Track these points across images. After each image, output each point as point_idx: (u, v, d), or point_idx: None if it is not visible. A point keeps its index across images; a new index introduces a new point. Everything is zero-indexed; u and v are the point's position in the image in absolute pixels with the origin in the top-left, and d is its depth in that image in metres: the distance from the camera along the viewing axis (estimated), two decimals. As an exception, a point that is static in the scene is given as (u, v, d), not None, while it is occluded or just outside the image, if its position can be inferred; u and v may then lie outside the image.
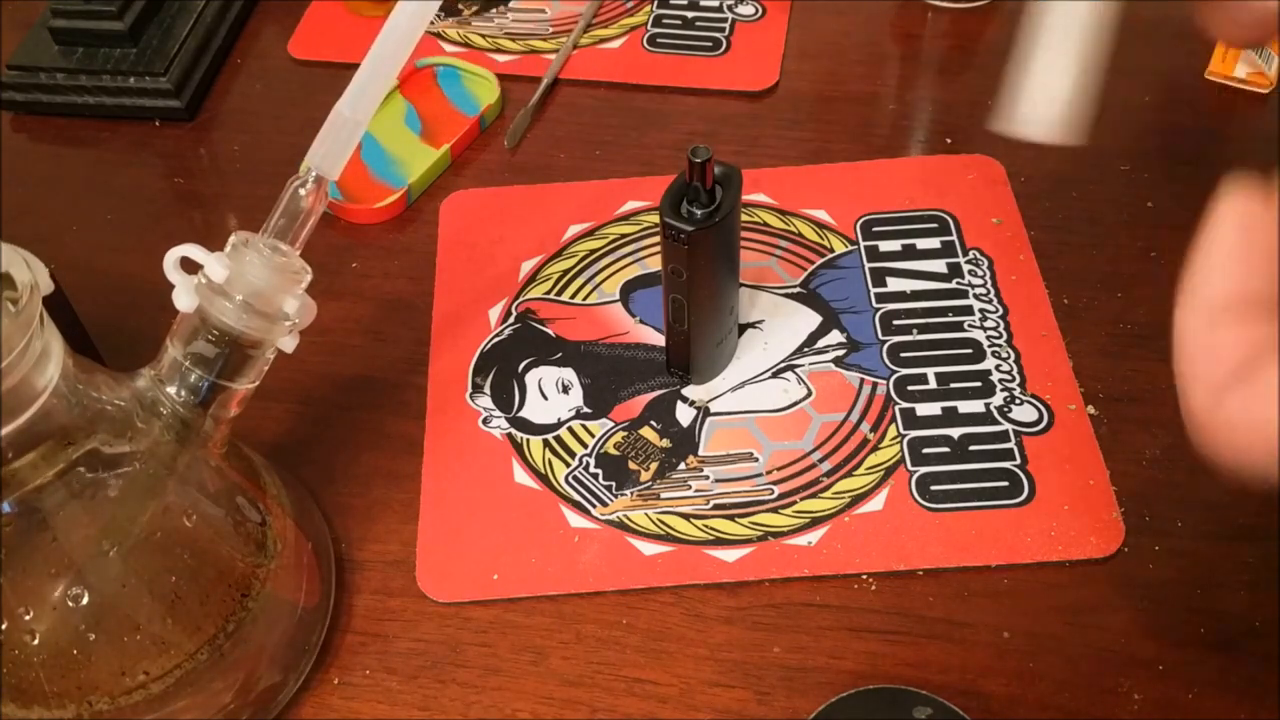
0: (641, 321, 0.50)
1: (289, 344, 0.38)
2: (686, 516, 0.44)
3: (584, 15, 0.63)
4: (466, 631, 0.42)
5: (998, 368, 0.47)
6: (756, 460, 0.45)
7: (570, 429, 0.46)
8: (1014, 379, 0.47)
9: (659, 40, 0.62)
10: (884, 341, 0.48)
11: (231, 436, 0.39)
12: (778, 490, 0.44)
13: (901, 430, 0.45)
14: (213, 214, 0.56)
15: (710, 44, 0.61)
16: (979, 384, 0.46)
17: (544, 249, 0.53)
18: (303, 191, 0.37)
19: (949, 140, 0.56)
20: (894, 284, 0.50)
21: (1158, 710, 0.38)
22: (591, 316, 0.50)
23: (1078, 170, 0.54)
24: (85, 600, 0.34)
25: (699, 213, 0.41)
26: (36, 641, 0.34)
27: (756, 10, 0.63)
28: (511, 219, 0.54)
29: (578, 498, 0.44)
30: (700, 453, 0.45)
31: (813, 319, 0.49)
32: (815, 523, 0.43)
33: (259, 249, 0.36)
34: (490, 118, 0.59)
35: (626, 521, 0.44)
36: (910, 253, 0.51)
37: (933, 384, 0.47)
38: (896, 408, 0.46)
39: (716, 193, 0.41)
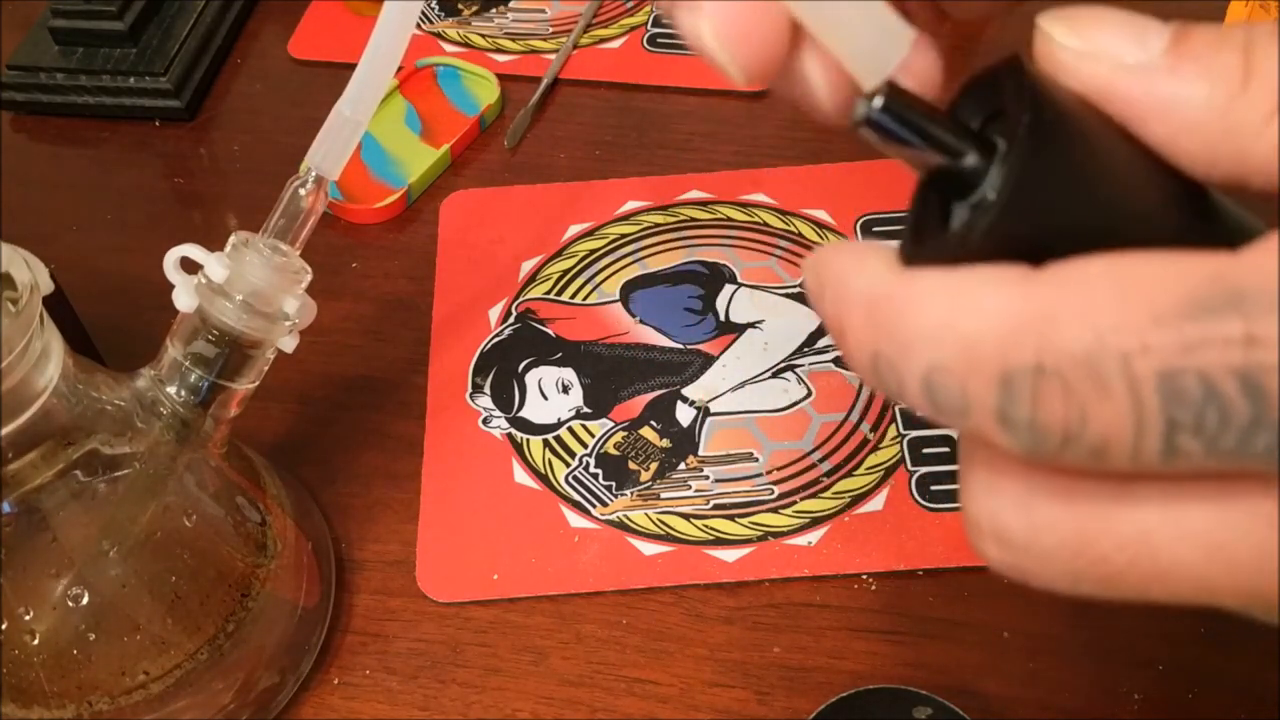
0: (641, 321, 0.50)
1: (289, 344, 0.38)
2: (686, 516, 0.44)
3: (584, 15, 0.63)
4: (466, 631, 0.42)
5: (998, 368, 0.47)
6: (756, 460, 0.45)
7: (570, 429, 0.46)
8: (1014, 379, 0.46)
9: (659, 40, 0.62)
10: (884, 341, 0.48)
11: (231, 436, 0.39)
12: (778, 490, 0.44)
13: (901, 430, 0.45)
14: (213, 214, 0.56)
15: (710, 44, 0.61)
16: (979, 384, 0.46)
17: (544, 249, 0.53)
18: (303, 191, 0.37)
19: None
20: (894, 284, 0.50)
21: (1158, 710, 0.38)
22: (591, 316, 0.50)
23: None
24: (85, 600, 0.34)
25: (970, 205, 0.19)
26: (36, 641, 0.34)
27: (756, 10, 0.63)
28: (511, 219, 0.54)
29: (578, 498, 0.44)
30: (700, 453, 0.45)
31: (813, 319, 0.49)
32: (815, 523, 0.43)
33: (259, 249, 0.36)
34: (490, 118, 0.59)
35: (626, 521, 0.44)
36: (910, 253, 0.51)
37: (933, 384, 0.47)
38: (896, 408, 0.46)
39: (994, 142, 0.19)
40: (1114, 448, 0.17)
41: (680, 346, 0.49)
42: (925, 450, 0.45)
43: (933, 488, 0.44)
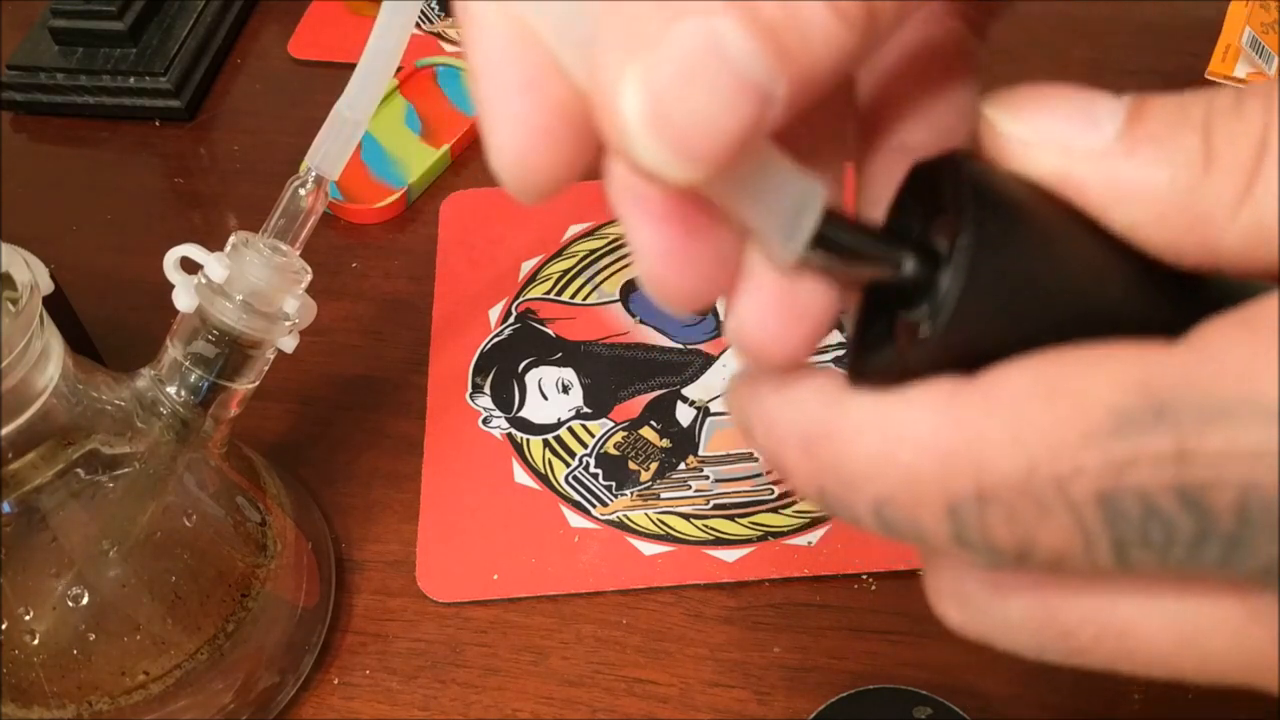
0: (641, 321, 0.50)
1: (289, 344, 0.38)
2: (686, 516, 0.44)
3: (584, 15, 0.63)
4: (466, 631, 0.42)
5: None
6: (756, 460, 0.45)
7: (570, 429, 0.46)
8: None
9: (659, 40, 0.62)
10: (884, 341, 0.48)
11: (231, 436, 0.39)
12: (778, 490, 0.44)
13: (901, 430, 0.45)
14: (213, 214, 0.56)
15: (710, 44, 0.61)
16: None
17: (544, 249, 0.53)
18: (303, 191, 0.37)
19: (949, 140, 0.56)
20: (894, 284, 0.50)
21: (1158, 710, 0.38)
22: (591, 316, 0.50)
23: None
24: (85, 600, 0.34)
25: (911, 324, 0.18)
26: (36, 641, 0.34)
27: (756, 10, 0.63)
28: (511, 219, 0.54)
29: (578, 498, 0.44)
30: (700, 453, 0.45)
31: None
32: (815, 523, 0.43)
33: (259, 249, 0.36)
34: (490, 118, 0.59)
35: (626, 521, 0.44)
36: (910, 253, 0.51)
37: (933, 384, 0.47)
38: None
39: (935, 250, 0.18)
40: (1068, 562, 0.17)
41: (680, 346, 0.49)
42: (925, 450, 0.45)
43: (933, 488, 0.44)
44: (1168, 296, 0.17)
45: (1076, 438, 0.16)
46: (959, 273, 0.16)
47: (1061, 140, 0.17)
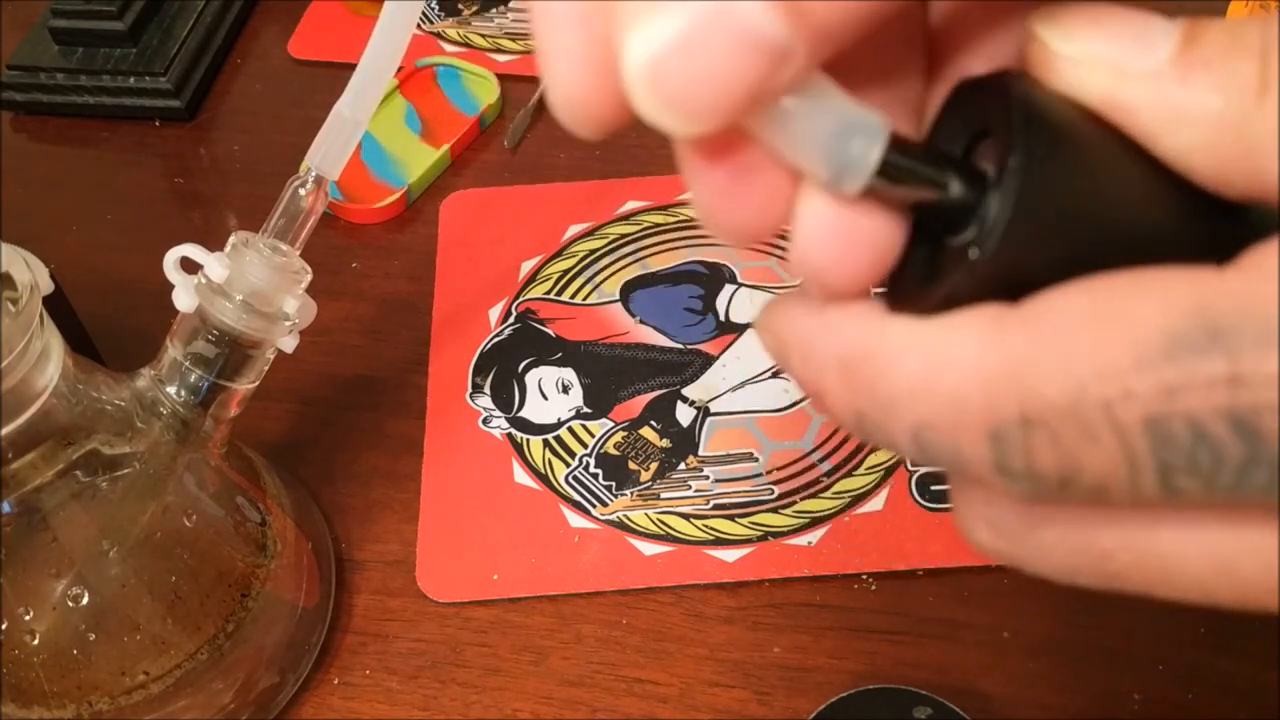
0: (641, 321, 0.50)
1: (289, 344, 0.38)
2: (686, 516, 0.44)
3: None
4: (466, 631, 0.42)
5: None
6: (756, 460, 0.45)
7: (570, 429, 0.46)
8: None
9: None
10: (884, 341, 0.48)
11: (231, 436, 0.39)
12: (778, 490, 0.44)
13: (901, 430, 0.45)
14: (213, 214, 0.56)
15: (710, 44, 0.61)
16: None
17: (544, 249, 0.53)
18: (303, 191, 0.37)
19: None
20: (894, 284, 0.50)
21: (1158, 710, 0.38)
22: (591, 316, 0.50)
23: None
24: (85, 600, 0.34)
25: (955, 250, 0.17)
26: (36, 641, 0.34)
27: (756, 10, 0.63)
28: (511, 219, 0.54)
29: (578, 498, 0.44)
30: (700, 453, 0.45)
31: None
32: (815, 523, 0.43)
33: (259, 249, 0.36)
34: (490, 118, 0.59)
35: (626, 521, 0.44)
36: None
37: (933, 384, 0.47)
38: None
39: (981, 172, 0.17)
40: (1112, 489, 0.16)
41: (680, 346, 0.49)
42: (925, 450, 0.45)
43: (933, 487, 0.44)
44: (1214, 225, 0.17)
45: (1128, 361, 0.15)
46: (1008, 195, 0.16)
47: (1113, 61, 0.16)
